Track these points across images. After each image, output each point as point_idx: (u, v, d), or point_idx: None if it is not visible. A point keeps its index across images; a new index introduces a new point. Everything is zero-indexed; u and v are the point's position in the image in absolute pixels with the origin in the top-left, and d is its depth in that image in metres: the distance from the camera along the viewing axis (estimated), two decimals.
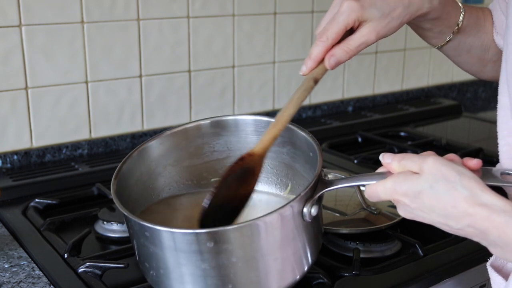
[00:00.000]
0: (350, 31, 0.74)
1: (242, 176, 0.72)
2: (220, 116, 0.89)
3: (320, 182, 0.74)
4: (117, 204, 0.73)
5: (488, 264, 0.74)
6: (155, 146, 0.86)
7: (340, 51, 0.73)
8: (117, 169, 0.79)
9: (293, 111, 0.74)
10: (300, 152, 0.84)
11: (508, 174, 0.68)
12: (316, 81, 0.74)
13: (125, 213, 0.71)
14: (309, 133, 0.80)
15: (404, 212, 0.67)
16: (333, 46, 0.74)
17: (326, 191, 0.74)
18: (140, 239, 0.72)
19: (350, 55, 0.74)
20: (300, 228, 0.72)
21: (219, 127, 0.89)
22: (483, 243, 0.63)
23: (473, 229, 0.61)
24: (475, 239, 0.63)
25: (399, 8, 0.75)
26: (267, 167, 0.89)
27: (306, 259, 0.76)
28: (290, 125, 0.80)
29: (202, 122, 0.88)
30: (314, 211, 0.72)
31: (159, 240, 0.69)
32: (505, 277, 0.71)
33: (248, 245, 0.69)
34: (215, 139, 0.89)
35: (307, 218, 0.72)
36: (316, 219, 0.75)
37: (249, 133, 0.88)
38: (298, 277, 0.75)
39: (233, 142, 0.89)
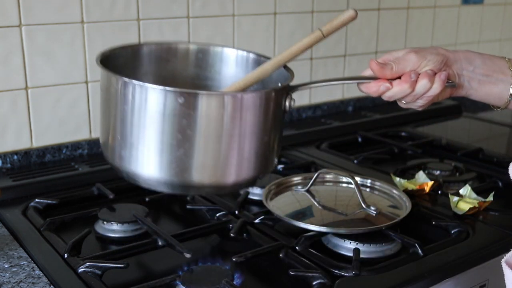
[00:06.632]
0: None
1: None
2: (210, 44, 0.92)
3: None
4: (98, 65, 0.74)
5: (503, 261, 0.74)
6: (139, 52, 0.87)
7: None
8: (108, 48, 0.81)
9: (281, 61, 0.85)
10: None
11: None
12: (324, 35, 0.82)
13: (106, 71, 0.73)
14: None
15: None
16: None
17: (304, 88, 0.83)
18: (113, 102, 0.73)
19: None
20: (275, 118, 0.75)
21: (203, 54, 0.90)
22: None
23: None
24: None
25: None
26: None
27: (271, 160, 0.76)
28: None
29: (191, 47, 0.91)
30: (293, 103, 0.78)
31: (140, 96, 0.70)
32: None
33: (218, 118, 0.69)
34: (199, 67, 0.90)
35: (287, 108, 0.78)
36: (284, 121, 0.80)
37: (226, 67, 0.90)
38: (257, 174, 0.75)
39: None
